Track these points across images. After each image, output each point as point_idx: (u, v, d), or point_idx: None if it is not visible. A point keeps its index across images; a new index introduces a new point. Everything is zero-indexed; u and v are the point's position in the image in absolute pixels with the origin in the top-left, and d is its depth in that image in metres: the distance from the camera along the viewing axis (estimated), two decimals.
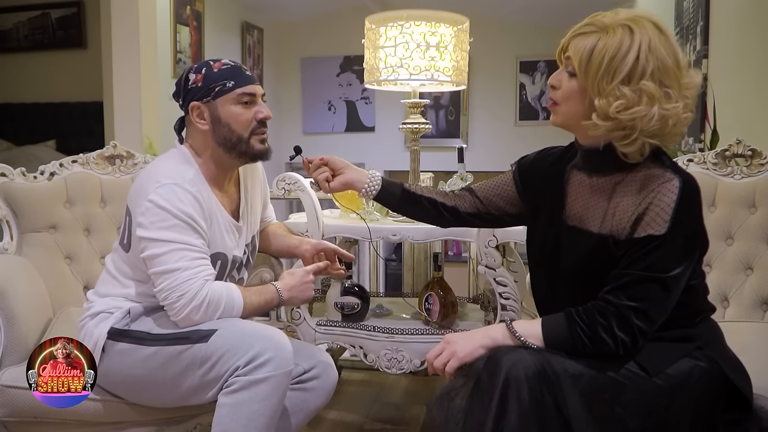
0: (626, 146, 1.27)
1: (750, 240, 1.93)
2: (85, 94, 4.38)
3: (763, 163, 1.94)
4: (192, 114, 1.58)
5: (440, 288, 2.04)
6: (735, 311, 1.92)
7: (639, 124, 1.24)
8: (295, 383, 1.57)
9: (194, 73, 1.58)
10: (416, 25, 2.06)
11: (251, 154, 1.60)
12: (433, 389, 2.62)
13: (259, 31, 5.85)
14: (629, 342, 1.24)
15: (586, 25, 1.29)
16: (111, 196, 2.10)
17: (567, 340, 1.26)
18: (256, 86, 1.60)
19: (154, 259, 1.48)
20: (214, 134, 1.57)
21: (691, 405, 1.27)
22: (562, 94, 1.33)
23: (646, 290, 1.24)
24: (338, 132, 6.42)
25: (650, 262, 1.24)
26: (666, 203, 1.24)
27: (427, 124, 2.19)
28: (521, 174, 1.52)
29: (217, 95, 1.55)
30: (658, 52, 1.24)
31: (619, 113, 1.24)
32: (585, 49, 1.26)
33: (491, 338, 1.30)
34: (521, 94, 6.11)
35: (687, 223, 1.25)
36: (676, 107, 1.25)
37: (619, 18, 1.27)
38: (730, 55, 2.93)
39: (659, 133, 1.26)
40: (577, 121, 1.32)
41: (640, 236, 1.25)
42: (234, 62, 1.60)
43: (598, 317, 1.25)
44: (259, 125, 1.59)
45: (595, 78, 1.26)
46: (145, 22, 3.59)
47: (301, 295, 1.63)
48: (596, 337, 1.24)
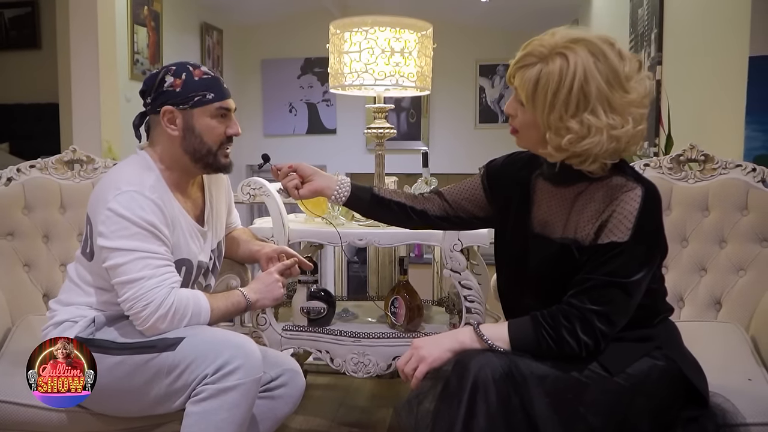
0: (587, 167, 1.31)
1: (704, 242, 2.00)
2: (40, 95, 4.28)
3: (716, 167, 2.01)
4: (163, 117, 1.55)
5: (406, 292, 2.05)
6: (690, 311, 1.99)
7: (592, 150, 1.28)
8: (262, 391, 1.56)
9: (173, 76, 1.55)
10: (381, 31, 2.07)
11: (216, 167, 1.60)
12: (399, 392, 2.64)
13: (218, 32, 5.78)
14: (591, 344, 1.28)
15: (526, 56, 1.30)
16: (71, 202, 2.05)
17: (532, 343, 1.30)
18: (232, 101, 1.60)
19: (117, 269, 1.46)
20: (183, 142, 1.56)
21: (651, 403, 1.32)
22: (519, 123, 1.36)
23: (608, 295, 1.28)
24: (299, 134, 6.40)
25: (613, 267, 1.28)
26: (629, 211, 1.28)
27: (392, 129, 2.20)
28: (489, 179, 1.54)
29: (196, 105, 1.54)
30: (593, 77, 1.25)
31: (572, 145, 1.27)
32: (530, 83, 1.28)
33: (459, 342, 1.32)
34: (481, 97, 6.19)
35: (648, 231, 1.29)
36: (626, 129, 1.28)
37: (555, 43, 1.28)
38: (684, 62, 3.03)
39: (616, 152, 1.30)
40: (536, 146, 1.36)
41: (603, 243, 1.29)
42: (213, 73, 1.60)
43: (562, 320, 1.28)
44: (228, 141, 1.60)
45: (543, 112, 1.29)
46: (104, 22, 3.52)
47: (269, 295, 1.62)
48: (560, 340, 1.28)
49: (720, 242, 1.99)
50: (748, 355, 1.69)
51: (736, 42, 2.38)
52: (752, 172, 1.96)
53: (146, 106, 1.59)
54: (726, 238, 1.98)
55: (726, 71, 2.53)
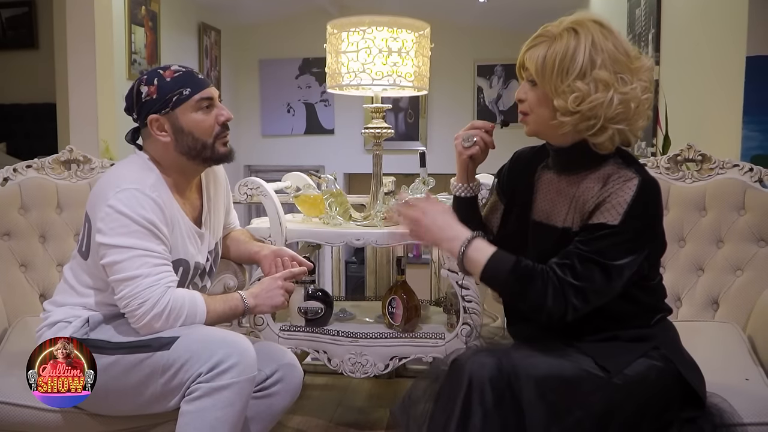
0: (596, 136, 1.33)
1: (701, 242, 2.00)
2: (37, 95, 4.27)
3: (713, 167, 2.01)
4: (152, 127, 1.54)
5: (403, 292, 2.05)
6: (687, 311, 1.99)
7: (601, 111, 1.30)
8: (258, 390, 1.55)
9: (146, 85, 1.54)
10: (378, 31, 2.07)
11: (216, 158, 1.58)
12: (397, 392, 2.63)
13: (216, 33, 5.78)
14: (557, 314, 1.29)
15: (536, 37, 1.37)
16: (67, 202, 2.05)
17: (501, 284, 1.35)
18: (212, 89, 1.57)
19: (115, 266, 1.45)
20: (177, 145, 1.54)
21: (648, 404, 1.32)
22: (529, 104, 1.39)
23: (589, 272, 1.29)
24: (297, 134, 6.40)
25: (599, 247, 1.29)
26: (623, 197, 1.30)
27: (389, 129, 2.20)
28: (501, 185, 1.59)
29: (176, 105, 1.53)
30: (604, 45, 1.32)
31: (578, 106, 1.30)
32: (539, 58, 1.34)
33: (449, 245, 1.39)
34: (479, 97, 6.19)
35: (641, 220, 1.31)
36: (633, 89, 1.32)
37: (564, 24, 1.35)
38: (681, 62, 3.03)
39: (624, 117, 1.32)
40: (546, 124, 1.38)
41: (594, 222, 1.31)
42: (185, 67, 1.57)
43: (537, 280, 1.30)
44: (222, 129, 1.58)
45: (551, 80, 1.33)
46: (101, 22, 3.52)
47: (269, 301, 1.59)
48: (525, 295, 1.31)
49: (717, 242, 1.99)
50: (746, 355, 1.68)
51: (734, 42, 2.38)
52: (749, 171, 1.97)
53: (136, 122, 1.59)
54: (723, 238, 1.98)
55: (723, 71, 2.53)
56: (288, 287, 1.62)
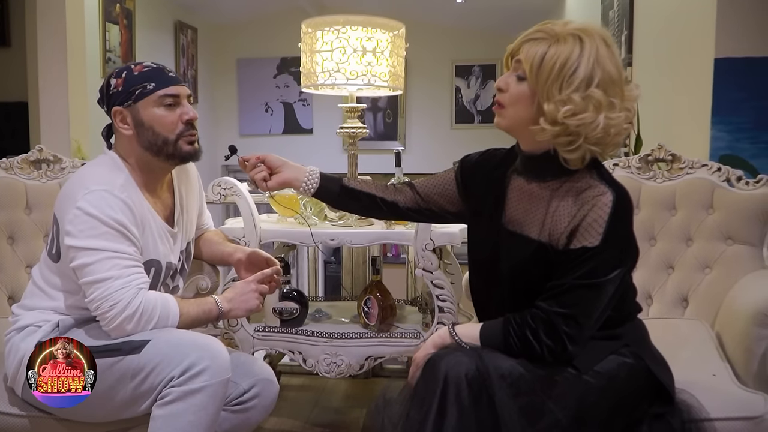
0: (569, 153, 1.31)
1: (671, 240, 2.02)
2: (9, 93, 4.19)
3: (683, 167, 2.04)
4: (115, 119, 1.54)
5: (379, 291, 2.05)
6: (658, 308, 2.01)
7: (584, 131, 1.28)
8: (235, 404, 1.54)
9: (115, 77, 1.54)
10: (353, 30, 2.07)
11: (180, 156, 1.56)
12: (373, 392, 2.64)
13: (193, 31, 5.73)
14: (555, 348, 1.28)
15: (537, 31, 1.33)
16: (37, 203, 2.02)
17: (501, 343, 1.32)
18: (180, 87, 1.56)
19: (85, 269, 1.43)
20: (139, 138, 1.53)
21: (618, 400, 1.33)
22: (509, 97, 1.35)
23: (576, 297, 1.29)
24: (276, 134, 6.37)
25: (584, 271, 1.29)
26: (600, 216, 1.29)
27: (364, 129, 2.20)
28: (463, 174, 1.54)
29: (138, 98, 1.52)
30: (605, 63, 1.29)
31: (567, 119, 1.27)
32: (537, 55, 1.30)
33: (440, 338, 1.39)
34: (457, 97, 6.21)
35: (619, 235, 1.30)
36: (619, 117, 1.30)
37: (570, 28, 1.31)
38: (653, 63, 3.07)
39: (601, 142, 1.30)
40: (523, 125, 1.34)
41: (575, 248, 1.30)
42: (156, 64, 1.57)
43: (529, 321, 1.30)
44: (188, 127, 1.56)
45: (545, 83, 1.29)
46: (73, 20, 3.46)
47: (244, 305, 1.57)
48: (525, 341, 1.29)
49: (687, 240, 2.02)
50: (713, 351, 1.71)
51: (702, 44, 2.42)
52: (717, 171, 2.00)
53: (107, 114, 1.58)
54: (692, 237, 2.01)
55: (693, 73, 2.57)
56: (262, 290, 1.60)
